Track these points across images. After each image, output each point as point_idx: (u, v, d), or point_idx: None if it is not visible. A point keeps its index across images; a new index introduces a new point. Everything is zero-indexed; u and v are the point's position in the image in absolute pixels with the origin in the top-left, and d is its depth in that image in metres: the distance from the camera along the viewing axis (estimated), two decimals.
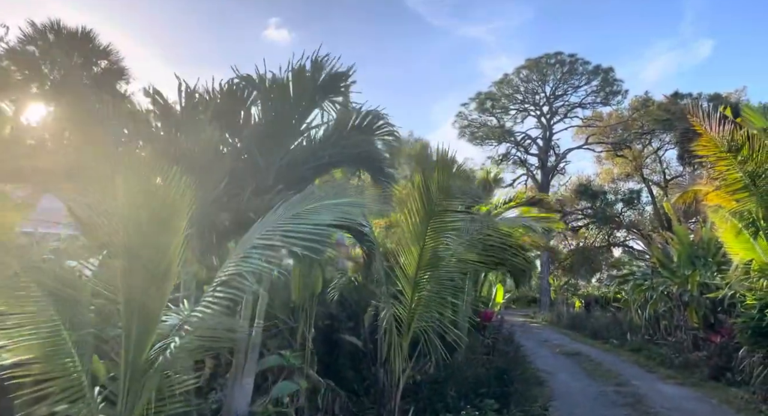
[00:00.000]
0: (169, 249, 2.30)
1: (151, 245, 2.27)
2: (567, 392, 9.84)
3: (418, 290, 5.51)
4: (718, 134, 9.71)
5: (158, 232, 2.28)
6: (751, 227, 9.81)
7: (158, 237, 2.29)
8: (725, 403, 9.02)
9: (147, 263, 2.27)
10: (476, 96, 36.27)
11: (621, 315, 19.98)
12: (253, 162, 4.30)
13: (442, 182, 5.02)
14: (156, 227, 2.27)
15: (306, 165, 4.35)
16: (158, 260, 2.28)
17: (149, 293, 2.30)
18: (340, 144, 4.57)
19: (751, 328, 8.92)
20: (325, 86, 4.29)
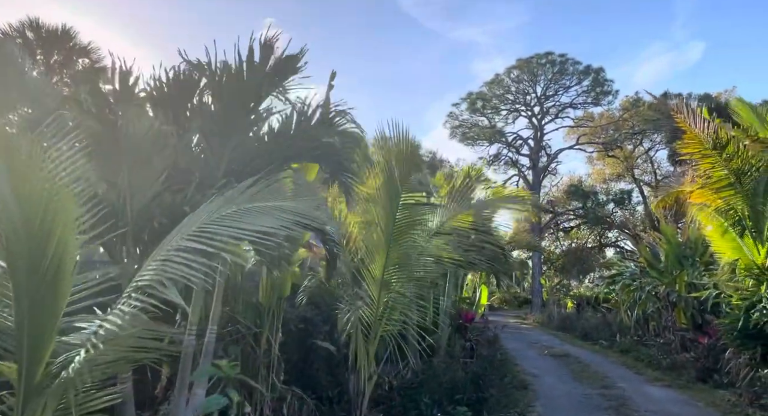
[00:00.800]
0: (55, 245, 2.02)
1: (35, 239, 2.00)
2: (551, 395, 9.59)
3: (386, 291, 5.26)
4: (702, 131, 9.54)
5: (43, 225, 2.01)
6: (737, 226, 9.64)
7: (44, 231, 2.01)
8: (711, 406, 8.81)
9: (31, 261, 2.00)
10: (467, 96, 36.13)
11: (611, 316, 19.79)
12: (201, 155, 4.05)
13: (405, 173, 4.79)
14: (41, 218, 1.99)
15: (259, 159, 4.09)
16: (42, 257, 2.01)
17: (38, 297, 2.03)
18: (296, 137, 4.31)
19: (737, 329, 8.72)
20: (277, 71, 4.03)
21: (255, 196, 2.91)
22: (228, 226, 2.70)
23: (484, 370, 6.96)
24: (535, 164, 36.66)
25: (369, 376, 5.26)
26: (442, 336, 8.78)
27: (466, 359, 9.60)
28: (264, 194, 2.93)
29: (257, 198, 2.91)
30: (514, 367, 12.53)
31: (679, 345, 12.78)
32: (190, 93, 4.22)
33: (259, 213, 2.84)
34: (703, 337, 11.66)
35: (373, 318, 5.22)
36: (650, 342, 14.55)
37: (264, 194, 2.93)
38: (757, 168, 9.29)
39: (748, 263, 9.28)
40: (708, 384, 10.50)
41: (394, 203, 4.89)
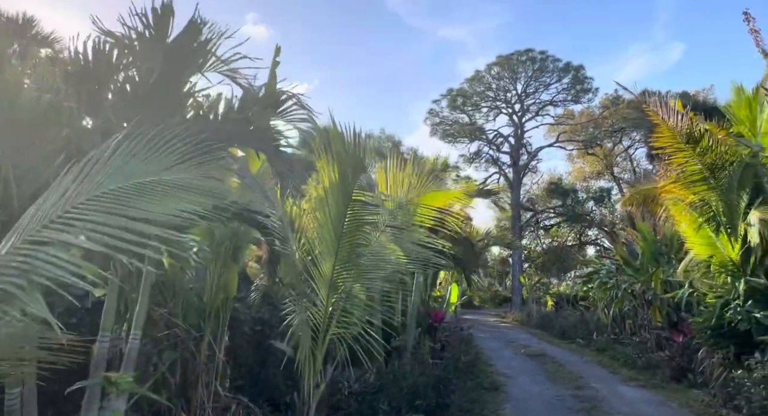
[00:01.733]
0: None
1: None
2: (522, 397, 9.28)
3: (335, 291, 4.85)
4: (676, 125, 9.31)
5: None
6: (711, 222, 9.41)
7: None
8: (685, 407, 8.58)
9: None
10: (447, 93, 35.87)
11: (589, 314, 19.64)
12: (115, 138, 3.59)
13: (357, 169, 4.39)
14: None
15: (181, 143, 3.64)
16: None
17: None
18: (229, 120, 3.87)
19: (711, 328, 8.50)
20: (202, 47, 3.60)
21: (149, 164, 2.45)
22: (104, 211, 2.24)
23: (447, 373, 6.58)
24: (516, 162, 36.58)
25: (317, 384, 4.84)
26: (408, 337, 8.41)
27: (436, 360, 9.23)
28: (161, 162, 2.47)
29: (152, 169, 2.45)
30: (488, 368, 12.24)
31: (655, 344, 12.60)
32: (107, 69, 3.75)
33: (158, 193, 2.38)
34: (678, 335, 11.47)
35: (321, 319, 4.80)
36: (626, 341, 14.37)
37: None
38: (731, 163, 9.08)
39: (723, 260, 9.07)
40: (682, 383, 10.30)
41: (345, 199, 4.48)
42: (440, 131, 37.51)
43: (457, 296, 10.91)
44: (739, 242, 8.83)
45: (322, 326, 4.80)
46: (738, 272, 8.71)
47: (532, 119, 36.80)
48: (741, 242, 8.80)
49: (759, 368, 7.20)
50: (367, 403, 6.08)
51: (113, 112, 3.66)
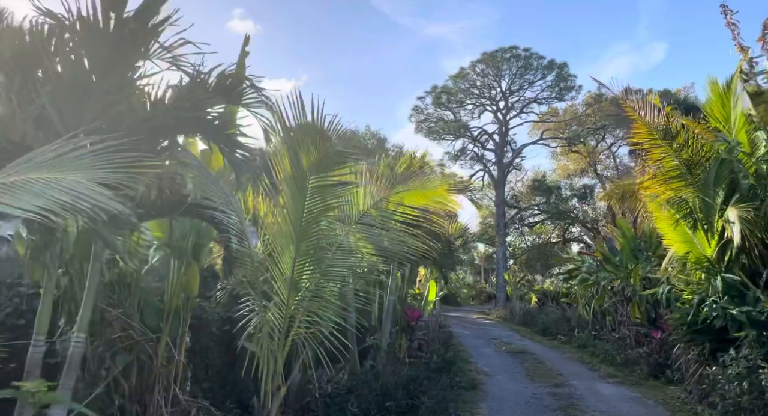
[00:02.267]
0: None
1: None
2: (500, 396, 9.18)
3: (296, 290, 4.65)
4: (653, 120, 9.25)
5: None
6: (688, 219, 9.37)
7: None
8: (661, 404, 8.54)
9: None
10: (432, 90, 35.74)
11: (570, 311, 19.67)
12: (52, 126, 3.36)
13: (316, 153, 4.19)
14: None
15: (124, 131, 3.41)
16: None
17: None
18: (176, 109, 3.64)
19: (687, 324, 8.45)
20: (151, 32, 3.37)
21: None
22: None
23: (419, 373, 6.41)
24: (500, 159, 36.60)
25: (277, 387, 4.64)
26: (383, 336, 8.24)
27: (413, 359, 9.08)
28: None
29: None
30: (468, 366, 12.14)
31: (634, 340, 12.60)
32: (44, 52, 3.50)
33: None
34: (656, 332, 11.48)
35: (282, 320, 4.60)
36: (607, 337, 14.38)
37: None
38: (707, 159, 9.04)
39: (699, 257, 9.04)
40: (660, 379, 10.30)
41: (302, 188, 4.27)
42: (425, 128, 37.39)
43: (436, 294, 10.76)
44: (715, 238, 8.80)
45: (282, 327, 4.60)
46: (714, 268, 8.68)
47: (517, 117, 36.87)
48: (717, 239, 8.77)
49: (733, 364, 7.15)
50: (337, 405, 5.90)
51: (49, 99, 3.42)
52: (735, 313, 7.70)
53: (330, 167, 4.24)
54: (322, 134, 4.19)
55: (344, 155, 4.25)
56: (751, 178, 8.54)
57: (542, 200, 36.97)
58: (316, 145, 4.16)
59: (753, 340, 7.29)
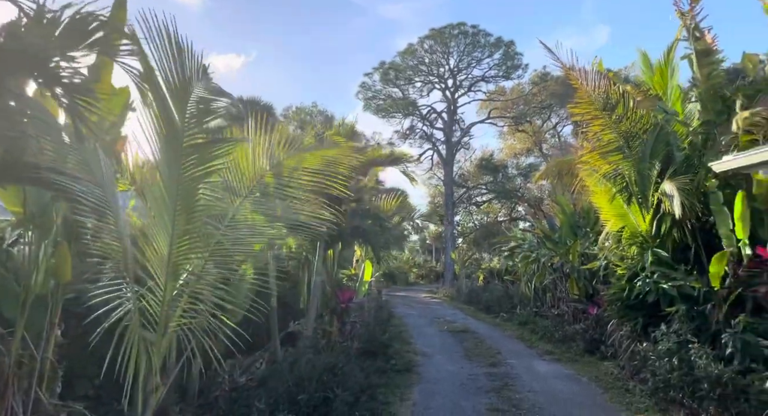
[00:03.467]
0: None
1: None
2: (435, 378, 8.82)
3: (176, 273, 3.92)
4: (594, 90, 8.94)
5: None
6: (624, 193, 9.21)
7: None
8: (595, 381, 8.41)
9: None
10: (380, 66, 34.86)
11: (513, 288, 19.75)
12: None
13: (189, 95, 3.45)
14: None
15: None
16: None
17: None
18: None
19: (620, 300, 8.32)
20: None
21: None
22: None
23: (337, 361, 5.85)
24: (449, 138, 36.40)
25: (155, 387, 3.94)
26: (308, 321, 7.63)
27: (345, 343, 8.54)
28: None
29: None
30: (407, 347, 11.77)
31: (572, 316, 12.60)
32: None
33: None
34: (593, 307, 11.45)
35: (159, 309, 3.87)
36: (547, 314, 14.40)
37: None
38: (645, 131, 8.85)
39: (634, 231, 8.90)
40: (595, 355, 10.25)
41: (176, 148, 3.52)
42: (373, 106, 36.58)
43: (372, 274, 10.24)
44: (650, 212, 8.66)
45: (160, 316, 3.88)
46: (647, 243, 8.56)
47: (465, 95, 36.62)
48: (652, 213, 8.64)
49: (664, 340, 7.01)
50: (243, 400, 5.26)
51: None
52: (666, 288, 7.59)
53: (204, 116, 3.51)
54: (195, 79, 3.43)
55: (219, 105, 3.51)
56: (686, 150, 8.40)
57: (490, 180, 37.18)
58: (187, 92, 3.40)
59: (683, 315, 7.18)
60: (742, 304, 6.91)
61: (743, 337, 6.36)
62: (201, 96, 3.47)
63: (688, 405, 6.12)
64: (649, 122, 8.95)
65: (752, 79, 8.31)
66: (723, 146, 7.77)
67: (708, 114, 8.40)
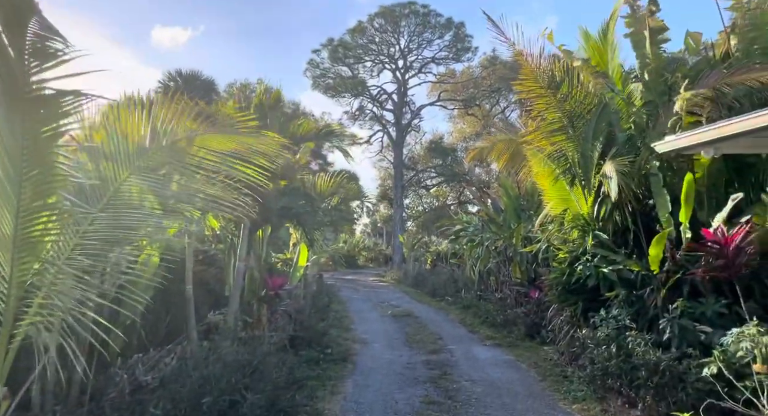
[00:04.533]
0: None
1: None
2: (371, 368, 8.35)
3: (25, 258, 3.14)
4: (539, 67, 8.56)
5: None
6: (567, 174, 8.95)
7: None
8: (534, 367, 8.19)
9: None
10: (328, 43, 33.67)
11: (459, 272, 19.64)
12: None
13: None
14: None
15: None
16: None
17: None
18: None
19: (561, 284, 8.08)
20: None
21: None
22: None
23: (253, 358, 5.20)
24: (399, 120, 35.88)
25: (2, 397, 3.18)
26: (230, 310, 6.93)
27: (273, 333, 7.89)
28: None
29: None
30: (346, 334, 11.27)
31: (514, 300, 12.47)
32: None
33: None
34: (534, 291, 11.31)
35: (5, 302, 3.10)
36: (490, 298, 14.27)
37: None
38: (589, 111, 8.58)
39: (576, 214, 8.68)
40: (536, 340, 10.11)
41: (13, 92, 2.73)
42: (322, 85, 35.42)
43: (308, 259, 9.60)
44: (592, 195, 8.44)
45: (4, 315, 3.10)
46: (588, 226, 8.34)
47: (415, 76, 36.13)
48: (594, 195, 8.42)
49: (603, 325, 6.80)
50: (138, 404, 4.54)
51: None
52: (607, 272, 7.38)
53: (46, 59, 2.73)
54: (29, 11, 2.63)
55: (58, 47, 2.73)
56: (629, 130, 8.19)
57: (439, 163, 37.04)
58: (23, 22, 2.61)
59: (622, 300, 6.99)
60: (681, 288, 6.78)
61: (680, 322, 6.21)
62: (39, 33, 2.68)
63: (625, 393, 5.91)
64: (593, 103, 8.70)
65: (694, 63, 8.16)
66: (667, 128, 7.57)
67: (651, 94, 8.20)
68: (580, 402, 6.31)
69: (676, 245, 7.08)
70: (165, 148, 3.52)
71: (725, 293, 6.53)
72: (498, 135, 11.15)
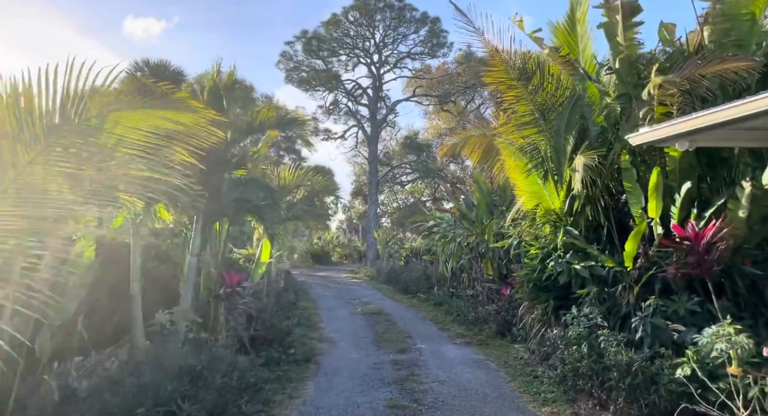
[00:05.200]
0: None
1: None
2: (336, 369, 7.98)
3: None
4: (509, 56, 8.28)
5: None
6: (540, 168, 8.71)
7: None
8: (504, 367, 7.94)
9: None
10: (302, 35, 32.97)
11: (432, 268, 19.39)
12: None
13: None
14: None
15: None
16: None
17: None
18: None
19: (532, 281, 7.84)
20: None
21: None
22: None
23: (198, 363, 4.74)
24: (374, 115, 35.43)
25: None
26: (180, 309, 6.43)
27: (229, 334, 7.43)
28: None
29: None
30: (312, 333, 10.86)
31: (486, 297, 12.25)
32: None
33: None
34: (506, 288, 11.10)
35: None
36: (462, 294, 14.04)
37: None
38: (561, 103, 8.35)
39: (548, 209, 8.45)
40: (506, 338, 9.88)
41: None
42: (296, 78, 34.70)
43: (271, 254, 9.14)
44: (564, 189, 8.22)
45: None
46: (561, 221, 8.12)
47: (391, 71, 35.70)
48: (566, 190, 8.20)
49: (575, 324, 6.57)
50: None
51: None
52: (578, 268, 7.16)
53: None
54: None
55: None
56: (602, 123, 7.97)
57: (414, 159, 36.79)
58: None
59: (594, 297, 6.78)
60: (653, 285, 6.60)
61: (653, 321, 6.02)
62: None
63: (597, 395, 5.68)
64: (565, 95, 8.47)
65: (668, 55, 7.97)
66: (639, 120, 7.37)
67: (625, 86, 7.99)
68: (550, 405, 6.05)
69: (648, 241, 6.90)
70: (77, 126, 3.05)
71: (697, 291, 6.37)
72: (471, 130, 10.83)
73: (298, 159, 39.82)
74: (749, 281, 6.18)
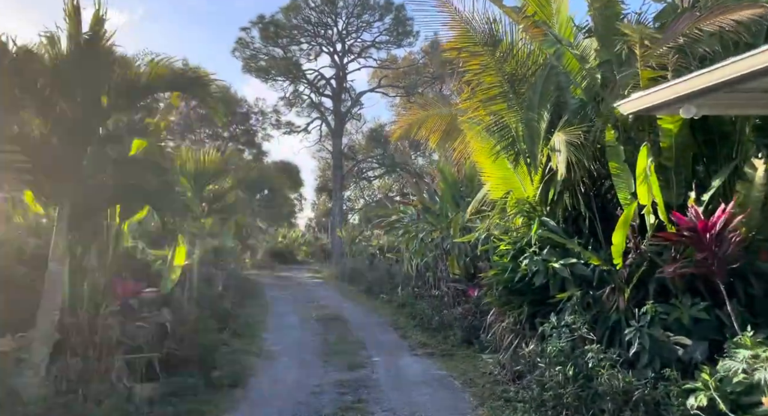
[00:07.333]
0: None
1: None
2: (268, 395, 6.56)
3: None
4: (473, 18, 6.97)
5: None
6: (510, 150, 7.45)
7: None
8: (470, 387, 6.62)
9: None
10: (259, 20, 31.06)
11: (397, 267, 18.05)
12: None
13: None
14: None
15: None
16: None
17: None
18: None
19: (502, 283, 6.57)
20: None
21: None
22: None
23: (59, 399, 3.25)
24: (338, 107, 33.88)
25: None
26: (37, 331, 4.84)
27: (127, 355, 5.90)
28: None
29: None
30: (251, 345, 9.36)
31: (452, 299, 11.00)
32: None
33: None
34: (473, 289, 9.85)
35: None
36: (427, 295, 12.75)
37: None
38: (533, 72, 7.11)
39: (520, 198, 7.20)
40: (474, 346, 8.60)
41: None
42: (254, 67, 32.76)
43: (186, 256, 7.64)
44: (539, 174, 6.98)
45: None
46: (535, 212, 6.88)
47: (355, 61, 34.18)
48: (541, 175, 6.97)
49: (554, 336, 5.32)
50: None
51: None
52: (557, 267, 5.91)
53: None
54: None
55: None
56: (581, 94, 6.74)
57: (380, 152, 35.44)
58: None
59: (577, 302, 5.52)
60: (647, 287, 5.41)
61: (651, 332, 4.81)
62: None
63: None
64: (538, 63, 7.24)
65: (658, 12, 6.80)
66: (623, 89, 6.17)
67: (607, 53, 6.78)
68: None
69: (639, 232, 5.70)
70: None
71: (701, 293, 5.21)
72: (430, 109, 9.49)
73: (259, 153, 38.03)
74: (764, 282, 5.05)
